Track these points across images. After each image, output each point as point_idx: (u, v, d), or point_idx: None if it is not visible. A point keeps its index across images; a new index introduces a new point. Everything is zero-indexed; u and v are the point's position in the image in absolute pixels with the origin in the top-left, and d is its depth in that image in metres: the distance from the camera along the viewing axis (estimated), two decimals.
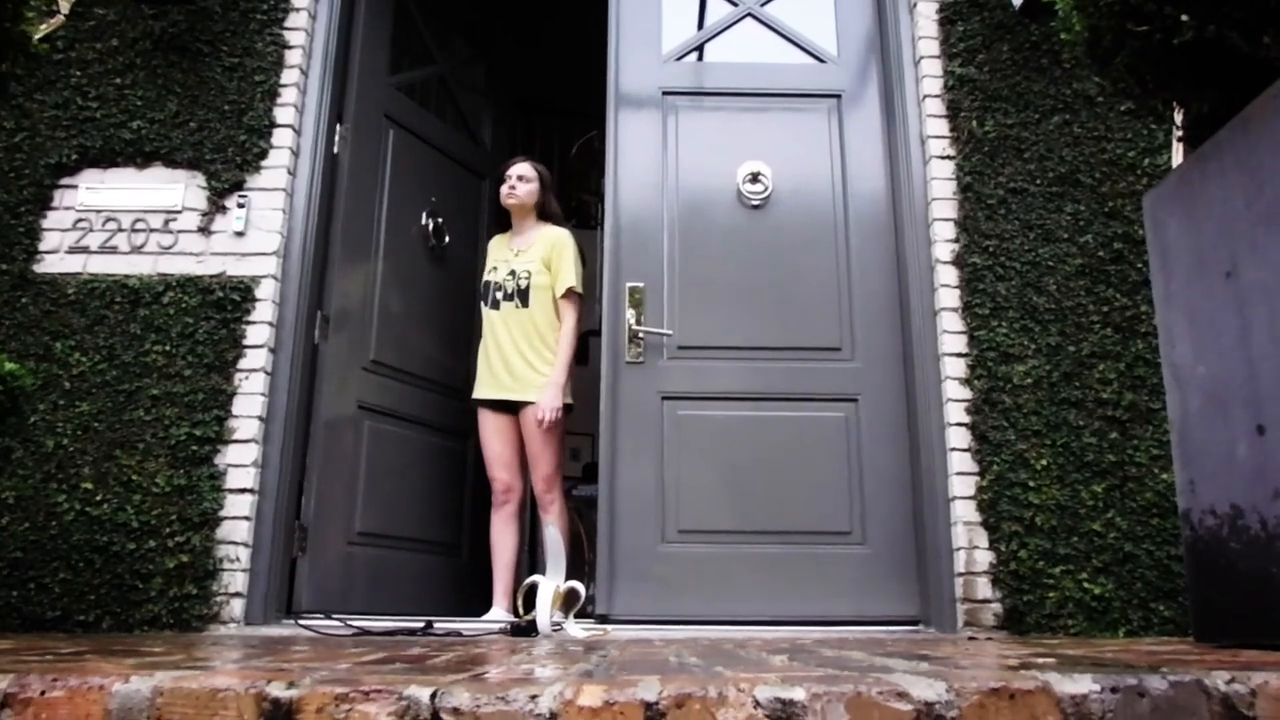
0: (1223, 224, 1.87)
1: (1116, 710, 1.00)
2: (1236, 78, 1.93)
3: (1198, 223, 1.97)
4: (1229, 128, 1.88)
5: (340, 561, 3.59)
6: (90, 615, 3.05)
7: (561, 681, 1.02)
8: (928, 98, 3.62)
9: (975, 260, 3.40)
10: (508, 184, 3.89)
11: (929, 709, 0.97)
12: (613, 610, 3.29)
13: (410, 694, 0.99)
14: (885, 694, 0.98)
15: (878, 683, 1.00)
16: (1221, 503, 1.82)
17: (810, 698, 0.97)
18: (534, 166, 3.97)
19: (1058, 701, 1.00)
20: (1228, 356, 1.83)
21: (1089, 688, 1.01)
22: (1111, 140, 3.52)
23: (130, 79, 3.57)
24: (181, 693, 1.04)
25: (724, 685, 0.99)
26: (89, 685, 1.06)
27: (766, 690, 0.98)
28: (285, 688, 1.01)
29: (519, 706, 0.97)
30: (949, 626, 3.11)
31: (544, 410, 3.60)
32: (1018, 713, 0.99)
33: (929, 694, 0.98)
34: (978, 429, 3.24)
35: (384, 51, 4.15)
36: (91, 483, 3.16)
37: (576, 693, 0.97)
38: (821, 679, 1.05)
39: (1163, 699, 1.02)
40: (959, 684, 1.00)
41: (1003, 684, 1.00)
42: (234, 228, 3.44)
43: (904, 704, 0.97)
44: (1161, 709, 1.01)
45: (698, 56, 4.03)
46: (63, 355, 3.27)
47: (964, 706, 0.98)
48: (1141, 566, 3.07)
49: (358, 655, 1.62)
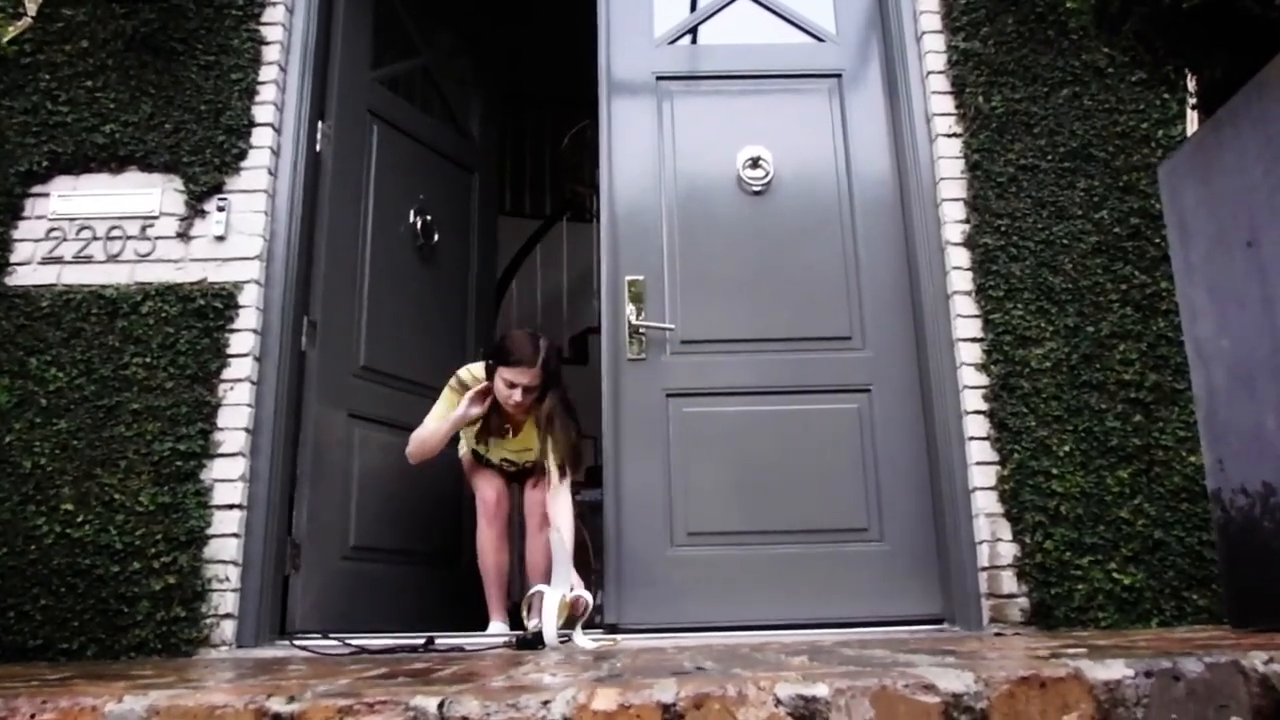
0: (1241, 192, 1.87)
1: (1151, 695, 1.00)
2: (1249, 41, 1.93)
3: (1215, 192, 1.97)
4: (1243, 93, 1.88)
5: (335, 578, 3.59)
6: (74, 642, 3.04)
7: (574, 686, 1.02)
8: (931, 74, 3.63)
9: (987, 241, 3.40)
10: (514, 391, 3.40)
11: (957, 700, 0.98)
12: (622, 619, 3.30)
13: (417, 704, 0.99)
14: (911, 687, 0.98)
15: (903, 676, 1.01)
16: (1253, 481, 1.82)
17: (834, 693, 0.97)
18: (542, 373, 3.41)
19: (1090, 688, 1.00)
20: (1252, 329, 1.83)
21: (1122, 673, 1.01)
22: (1123, 112, 3.52)
23: (102, 81, 3.57)
24: (178, 711, 1.04)
25: (743, 684, 0.99)
26: (80, 706, 1.07)
27: (788, 687, 0.98)
28: (286, 702, 1.02)
29: (531, 713, 0.97)
30: (974, 624, 3.11)
31: (583, 602, 3.09)
32: (1049, 701, 1.00)
33: (956, 685, 0.99)
34: (996, 416, 3.24)
35: (366, 44, 4.15)
36: (72, 503, 3.16)
37: (590, 696, 0.98)
38: (844, 675, 1.05)
39: (1199, 681, 1.02)
40: (987, 674, 1.00)
41: (1033, 672, 1.01)
42: (214, 232, 3.44)
43: (931, 696, 0.97)
44: (1197, 692, 1.01)
45: (691, 39, 4.04)
46: (38, 371, 3.27)
47: (993, 697, 0.99)
48: (1172, 554, 3.08)
49: (358, 672, 1.63)
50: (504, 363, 3.39)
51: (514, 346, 3.39)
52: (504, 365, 3.39)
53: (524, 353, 3.36)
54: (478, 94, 5.10)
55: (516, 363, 3.36)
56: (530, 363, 3.36)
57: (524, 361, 3.36)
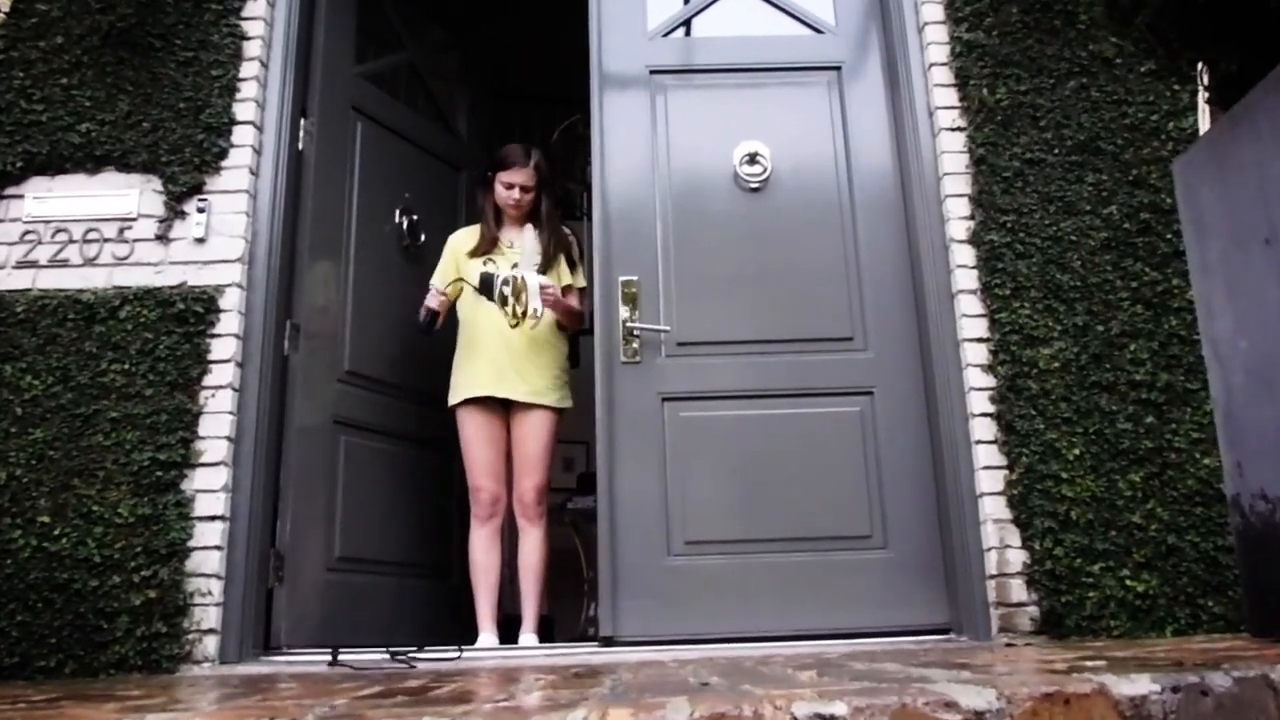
0: (1259, 188, 1.88)
1: (1179, 711, 1.01)
2: (1266, 34, 1.94)
3: (1232, 188, 1.98)
4: (1260, 87, 1.89)
5: (320, 590, 3.58)
6: (52, 660, 3.02)
7: (584, 706, 1.02)
8: (934, 66, 3.63)
9: (992, 237, 3.41)
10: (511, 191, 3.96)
11: (979, 718, 0.98)
12: (618, 631, 3.29)
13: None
14: (932, 704, 0.98)
15: (922, 693, 1.01)
16: (1273, 485, 1.83)
17: (852, 712, 0.97)
18: (536, 173, 4.00)
19: (1116, 704, 1.01)
20: (1272, 328, 1.84)
21: (1148, 688, 1.02)
22: (1132, 104, 3.53)
23: (77, 78, 3.55)
24: None
25: (758, 703, 0.99)
26: None
27: (805, 706, 0.98)
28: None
29: None
30: (982, 633, 3.11)
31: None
32: (1073, 718, 1.00)
33: (979, 702, 0.99)
34: (1003, 418, 3.25)
35: (349, 39, 4.14)
36: (48, 515, 3.14)
37: (602, 717, 0.97)
38: (860, 692, 1.05)
39: (1227, 696, 1.02)
40: (1009, 690, 1.00)
41: (1056, 688, 1.01)
42: (194, 234, 3.43)
43: (953, 714, 0.97)
44: (1226, 707, 1.02)
45: (685, 32, 4.04)
46: (13, 379, 3.25)
47: (1016, 714, 0.99)
48: (1187, 560, 3.08)
49: (352, 690, 1.62)
50: (501, 168, 3.97)
51: (508, 152, 4.01)
52: (501, 170, 3.97)
53: (517, 155, 3.97)
54: (465, 90, 5.09)
55: (512, 164, 3.96)
56: (524, 163, 3.96)
57: (518, 162, 3.96)
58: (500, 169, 3.97)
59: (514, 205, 3.95)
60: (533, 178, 3.96)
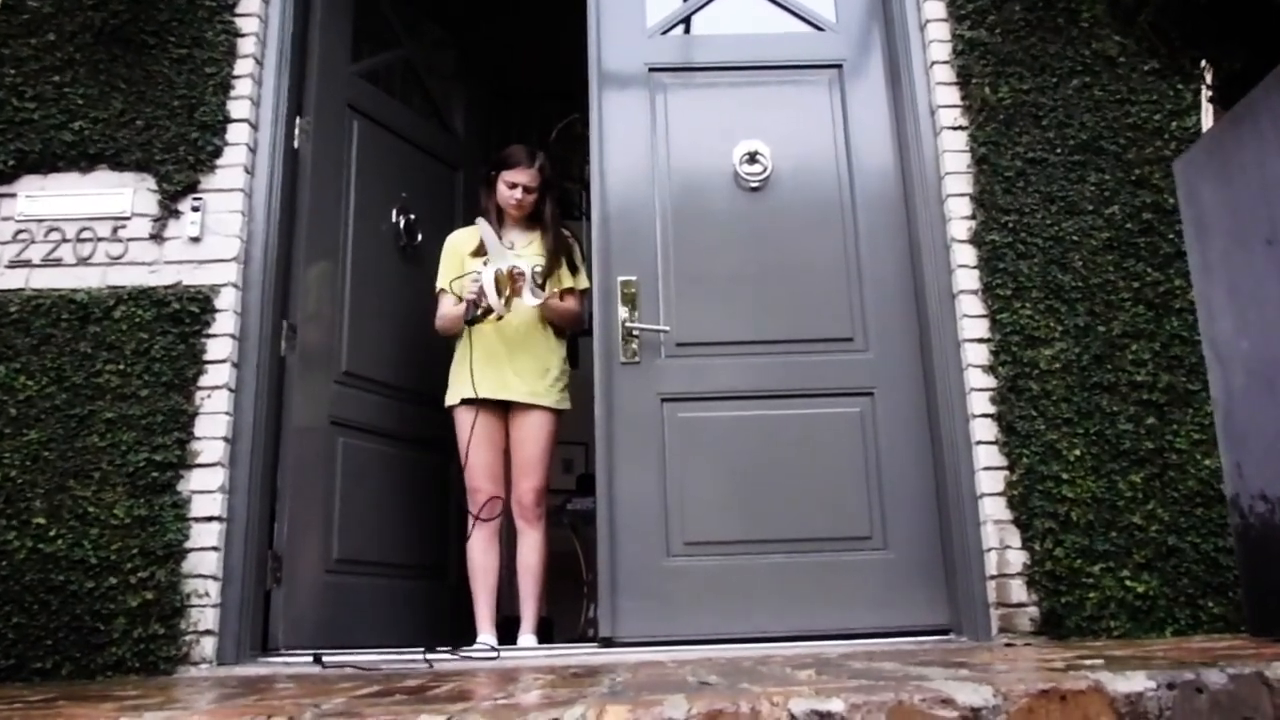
0: (1261, 188, 1.90)
1: (1174, 708, 1.02)
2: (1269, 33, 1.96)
3: (1234, 188, 1.99)
4: (1263, 86, 1.90)
5: (318, 592, 3.59)
6: (48, 661, 3.03)
7: (583, 704, 1.03)
8: (936, 64, 3.64)
9: (994, 237, 3.42)
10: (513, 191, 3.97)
11: (975, 715, 0.99)
12: (617, 632, 3.30)
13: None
14: (928, 701, 1.00)
15: (919, 690, 1.02)
16: (1274, 486, 1.84)
17: (849, 708, 0.99)
18: (539, 175, 4.02)
19: (1111, 701, 1.02)
20: (1273, 329, 1.85)
21: (1144, 685, 1.03)
22: (1135, 103, 3.55)
23: (70, 76, 3.56)
24: None
25: (755, 700, 1.00)
26: None
27: (802, 703, 0.99)
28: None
29: None
30: (982, 634, 3.13)
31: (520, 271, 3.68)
32: (1069, 714, 1.01)
33: (975, 699, 1.00)
34: (1004, 419, 3.26)
35: (346, 37, 4.15)
36: (44, 517, 3.15)
37: (600, 714, 0.99)
38: (857, 689, 1.07)
39: (1222, 693, 1.04)
40: (1005, 687, 1.02)
41: (1052, 685, 1.02)
42: (189, 233, 3.44)
43: (949, 711, 0.99)
44: (1221, 704, 1.03)
45: (685, 29, 4.05)
46: (7, 380, 3.26)
47: (1012, 711, 1.00)
48: (1187, 560, 3.10)
49: (350, 690, 1.64)
50: (504, 167, 4.00)
51: (511, 152, 4.05)
52: (504, 169, 3.99)
53: (521, 156, 4.01)
54: (463, 88, 5.11)
55: (515, 164, 3.98)
56: (528, 164, 3.98)
57: (522, 162, 3.99)
58: (503, 168, 3.99)
59: (516, 205, 3.96)
60: (536, 179, 3.97)
